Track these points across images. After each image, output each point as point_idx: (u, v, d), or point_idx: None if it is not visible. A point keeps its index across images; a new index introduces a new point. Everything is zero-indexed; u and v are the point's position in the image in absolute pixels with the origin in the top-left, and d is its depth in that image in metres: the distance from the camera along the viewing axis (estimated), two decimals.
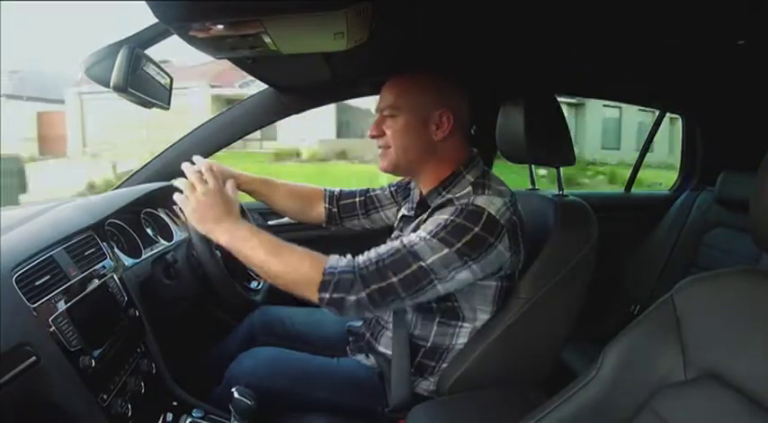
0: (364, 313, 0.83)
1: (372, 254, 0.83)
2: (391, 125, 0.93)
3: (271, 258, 0.83)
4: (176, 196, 0.91)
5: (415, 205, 1.00)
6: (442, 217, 0.83)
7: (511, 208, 0.87)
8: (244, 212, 1.09)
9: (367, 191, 1.18)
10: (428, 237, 0.81)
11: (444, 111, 0.91)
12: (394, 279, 0.79)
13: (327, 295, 0.80)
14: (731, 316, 0.55)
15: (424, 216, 0.91)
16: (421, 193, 0.98)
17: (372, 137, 0.96)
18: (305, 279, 0.81)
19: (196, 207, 0.88)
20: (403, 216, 1.05)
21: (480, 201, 0.84)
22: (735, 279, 0.57)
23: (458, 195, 0.90)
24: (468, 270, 0.81)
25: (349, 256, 0.84)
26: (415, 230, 0.91)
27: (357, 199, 1.17)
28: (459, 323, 0.93)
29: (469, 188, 0.90)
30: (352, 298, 0.79)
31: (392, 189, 1.16)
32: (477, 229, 0.81)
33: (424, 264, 0.79)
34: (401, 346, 0.94)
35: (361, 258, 0.83)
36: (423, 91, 0.92)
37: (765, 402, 0.49)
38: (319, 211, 1.17)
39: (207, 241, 0.98)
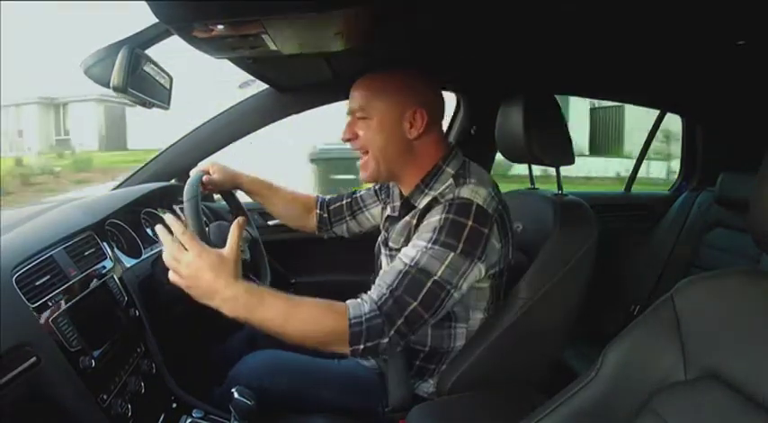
0: (397, 349, 0.82)
1: (383, 285, 0.80)
2: (364, 127, 0.91)
3: (286, 322, 0.76)
4: (170, 276, 0.78)
5: (398, 205, 0.99)
6: (433, 220, 0.82)
7: (496, 197, 0.87)
8: (248, 221, 1.02)
9: (353, 193, 1.19)
10: (428, 245, 0.80)
11: (418, 108, 0.89)
12: (414, 304, 0.78)
13: (361, 346, 0.76)
14: (731, 316, 0.55)
15: (412, 220, 0.90)
16: (401, 193, 0.97)
17: (346, 140, 0.94)
18: (331, 335, 0.77)
19: (188, 284, 0.76)
20: (388, 217, 1.04)
21: (465, 192, 0.84)
22: (735, 279, 0.57)
23: (440, 190, 0.89)
24: (475, 269, 0.82)
25: (366, 298, 0.80)
26: (404, 233, 0.91)
27: (344, 201, 1.17)
28: (453, 324, 0.92)
29: (451, 181, 0.89)
30: (385, 340, 0.77)
31: (376, 188, 1.16)
32: (470, 223, 0.80)
33: (436, 277, 0.78)
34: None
35: (375, 294, 0.79)
36: (395, 90, 0.90)
37: (765, 402, 0.49)
38: (314, 219, 1.18)
39: (206, 240, 0.97)
